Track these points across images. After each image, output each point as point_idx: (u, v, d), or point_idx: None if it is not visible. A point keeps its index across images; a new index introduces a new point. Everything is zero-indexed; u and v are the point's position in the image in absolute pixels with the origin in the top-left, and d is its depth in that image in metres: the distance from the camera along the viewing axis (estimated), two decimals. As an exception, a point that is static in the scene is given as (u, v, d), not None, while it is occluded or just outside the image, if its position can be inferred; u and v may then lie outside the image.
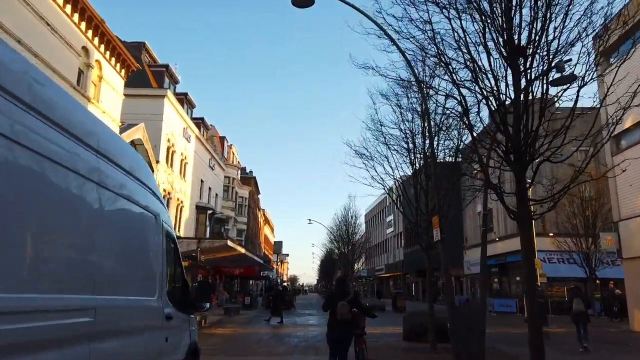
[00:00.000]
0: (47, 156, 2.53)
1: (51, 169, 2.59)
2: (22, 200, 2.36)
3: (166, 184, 26.05)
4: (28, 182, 2.41)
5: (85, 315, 2.92)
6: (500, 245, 35.31)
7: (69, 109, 3.04)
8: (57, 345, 2.58)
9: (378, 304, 33.60)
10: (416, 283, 53.67)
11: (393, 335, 14.56)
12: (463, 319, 8.97)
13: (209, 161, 36.09)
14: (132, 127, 21.64)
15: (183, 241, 23.88)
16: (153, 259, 4.32)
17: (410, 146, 12.68)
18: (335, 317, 6.78)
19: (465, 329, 8.83)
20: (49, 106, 2.67)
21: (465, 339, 8.89)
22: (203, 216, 33.06)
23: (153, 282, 4.27)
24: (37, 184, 2.49)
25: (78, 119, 3.11)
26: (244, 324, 20.44)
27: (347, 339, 6.96)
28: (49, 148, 2.56)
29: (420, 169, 12.60)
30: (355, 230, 44.37)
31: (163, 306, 4.38)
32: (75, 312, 2.83)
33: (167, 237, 4.75)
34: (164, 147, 25.68)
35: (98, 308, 3.04)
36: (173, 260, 5.17)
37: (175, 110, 27.42)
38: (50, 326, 2.54)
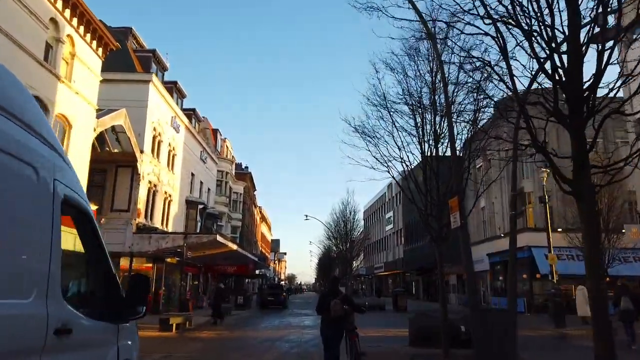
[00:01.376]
0: None
1: None
2: None
3: (152, 175, 24.35)
4: None
5: None
6: (504, 242, 33.64)
7: None
8: None
9: (378, 303, 31.97)
10: (416, 281, 52.08)
11: (397, 340, 12.93)
12: (489, 322, 7.29)
13: (201, 154, 34.38)
14: (112, 113, 19.94)
15: (168, 236, 22.24)
16: (28, 237, 2.65)
17: (418, 120, 11.00)
18: (329, 315, 7.30)
19: (492, 335, 7.18)
20: None
21: (489, 346, 7.24)
22: (193, 211, 31.35)
23: (29, 275, 2.61)
24: None
25: None
26: (234, 326, 18.79)
27: (340, 333, 7.60)
28: None
29: (431, 147, 10.91)
30: (353, 226, 42.68)
31: (51, 313, 2.71)
32: None
33: (67, 207, 3.08)
34: (149, 136, 23.97)
35: None
36: (88, 245, 3.53)
37: (161, 98, 25.71)
38: None
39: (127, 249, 21.87)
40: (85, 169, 17.56)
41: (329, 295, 7.67)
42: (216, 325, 18.18)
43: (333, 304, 7.32)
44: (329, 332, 7.45)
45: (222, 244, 24.39)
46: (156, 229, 23.80)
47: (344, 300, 7.64)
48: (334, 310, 7.28)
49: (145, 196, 23.78)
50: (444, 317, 9.87)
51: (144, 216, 23.53)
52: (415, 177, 11.29)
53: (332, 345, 7.41)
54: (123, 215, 22.39)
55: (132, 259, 22.54)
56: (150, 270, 24.84)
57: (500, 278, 35.40)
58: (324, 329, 7.54)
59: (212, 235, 22.73)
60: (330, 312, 7.29)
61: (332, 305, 7.30)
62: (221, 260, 32.89)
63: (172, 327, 15.38)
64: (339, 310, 7.32)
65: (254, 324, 20.08)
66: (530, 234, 31.43)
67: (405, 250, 52.52)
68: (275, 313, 27.92)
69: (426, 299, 47.77)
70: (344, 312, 7.45)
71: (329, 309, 7.31)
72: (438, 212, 10.51)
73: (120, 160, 22.67)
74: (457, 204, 7.29)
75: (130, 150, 22.03)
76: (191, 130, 31.94)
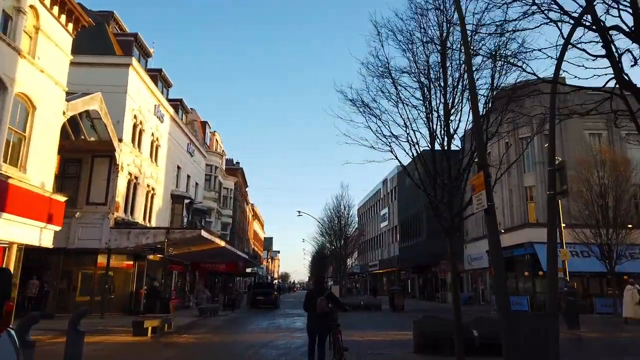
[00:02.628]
0: None
1: None
2: None
3: (132, 166, 22.67)
4: None
5: None
6: (506, 238, 32.26)
7: None
8: None
9: (374, 302, 30.49)
10: (412, 280, 50.72)
11: (399, 345, 11.44)
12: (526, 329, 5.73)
13: (188, 146, 32.70)
14: (86, 96, 18.26)
15: (149, 232, 20.63)
16: None
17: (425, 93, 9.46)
18: (315, 311, 7.81)
19: (530, 344, 5.65)
20: None
21: (526, 358, 5.73)
22: (179, 206, 29.69)
23: None
24: None
25: None
26: (218, 328, 17.22)
27: (325, 329, 8.06)
28: None
29: (441, 120, 9.38)
30: (348, 222, 41.13)
31: None
32: None
33: None
34: (128, 123, 22.29)
35: None
36: None
37: (143, 84, 24.02)
38: None
39: (103, 245, 20.22)
40: (53, 156, 15.89)
41: (315, 293, 8.18)
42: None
43: (319, 301, 7.86)
44: (315, 327, 8.04)
45: (208, 240, 22.78)
46: (136, 224, 22.14)
47: (329, 299, 8.11)
48: (320, 307, 7.84)
49: (125, 189, 22.10)
50: (457, 321, 8.38)
51: (123, 210, 21.86)
52: (423, 158, 9.71)
53: (318, 341, 7.96)
54: (100, 209, 20.71)
55: (109, 256, 20.88)
56: (131, 268, 23.22)
57: (500, 276, 34.06)
58: (310, 324, 8.17)
59: (197, 230, 21.12)
60: (317, 309, 7.85)
61: (318, 302, 7.85)
62: (209, 257, 31.28)
63: (147, 331, 13.79)
64: (324, 307, 7.89)
65: (241, 326, 18.52)
66: (532, 229, 30.10)
67: (401, 247, 51.13)
68: (265, 313, 26.36)
69: (423, 298, 46.44)
70: (329, 309, 8.01)
71: (315, 306, 7.87)
72: (449, 198, 9.00)
73: (96, 149, 21.00)
74: (482, 182, 5.81)
75: (107, 139, 20.35)
76: (177, 121, 30.27)
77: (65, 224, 20.22)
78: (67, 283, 21.08)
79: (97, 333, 14.52)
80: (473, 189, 6.14)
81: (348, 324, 18.75)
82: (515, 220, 32.00)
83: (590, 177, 25.20)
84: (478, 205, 6.07)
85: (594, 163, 25.52)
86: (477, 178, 6.00)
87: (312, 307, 7.99)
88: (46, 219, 15.04)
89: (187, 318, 20.98)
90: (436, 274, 42.94)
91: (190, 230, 21.00)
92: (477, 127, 6.52)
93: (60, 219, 16.02)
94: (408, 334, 14.07)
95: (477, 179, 6.02)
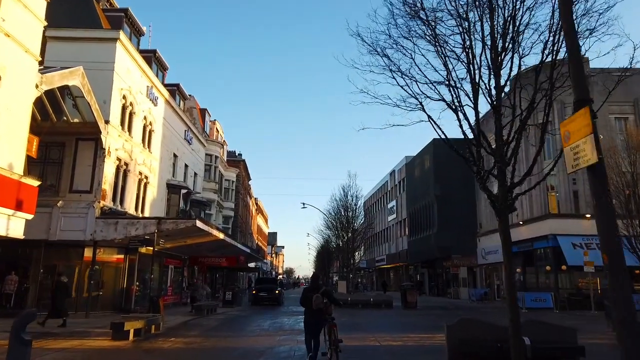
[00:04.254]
0: None
1: None
2: None
3: (122, 151, 20.74)
4: None
5: None
6: (525, 230, 30.30)
7: None
8: None
9: (384, 299, 28.50)
10: (421, 275, 48.69)
11: (428, 353, 9.48)
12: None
13: (185, 133, 30.74)
14: (64, 70, 16.31)
15: (139, 222, 18.71)
16: None
17: (466, 38, 7.37)
18: (311, 307, 8.33)
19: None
20: None
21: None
22: (176, 197, 27.78)
23: None
24: None
25: None
26: (212, 330, 15.29)
27: (321, 323, 8.53)
28: None
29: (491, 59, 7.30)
30: (355, 214, 39.02)
31: None
32: None
33: None
34: (117, 104, 20.33)
35: None
36: None
37: (134, 62, 22.03)
38: None
39: (88, 237, 18.32)
40: (23, 134, 13.95)
41: (311, 290, 8.57)
42: (65, 327, 14.02)
43: (315, 297, 8.25)
44: (311, 321, 8.41)
45: (205, 231, 20.85)
46: (125, 214, 20.22)
47: (324, 295, 8.50)
48: (315, 303, 8.23)
49: (113, 176, 20.18)
50: (515, 329, 6.36)
51: (111, 199, 19.95)
52: (464, 114, 7.67)
53: (312, 333, 8.37)
54: (84, 197, 18.81)
55: (95, 248, 19.00)
56: (121, 262, 21.36)
57: (518, 270, 31.99)
58: (307, 318, 8.54)
59: (191, 220, 19.16)
60: (312, 304, 8.23)
61: (314, 298, 8.24)
62: (208, 251, 29.43)
63: (128, 334, 11.87)
64: (320, 303, 8.29)
65: (239, 326, 16.59)
66: (554, 220, 28.02)
67: (409, 241, 49.08)
68: (267, 311, 24.44)
69: (433, 294, 44.42)
70: (324, 304, 8.37)
71: (311, 302, 8.25)
72: (502, 167, 6.99)
73: (81, 132, 19.07)
74: (586, 123, 3.73)
75: (92, 120, 18.43)
76: (173, 106, 28.29)
77: (45, 214, 18.44)
78: (50, 279, 19.24)
79: (72, 336, 12.65)
80: (567, 136, 4.12)
81: (358, 324, 16.83)
82: (535, 211, 29.87)
83: (621, 163, 23.06)
84: (578, 161, 4.00)
85: (623, 148, 23.39)
86: (576, 120, 3.95)
87: (308, 303, 8.42)
88: (14, 206, 13.12)
89: (181, 317, 19.10)
90: (447, 269, 40.87)
91: (184, 221, 19.04)
92: (574, 48, 4.37)
93: (32, 206, 14.10)
94: (433, 337, 12.12)
95: (575, 122, 3.96)
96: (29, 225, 18.08)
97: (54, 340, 11.80)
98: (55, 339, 12.02)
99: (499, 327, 8.27)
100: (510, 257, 7.04)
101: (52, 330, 13.60)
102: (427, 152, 43.33)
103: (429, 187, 42.30)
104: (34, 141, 16.73)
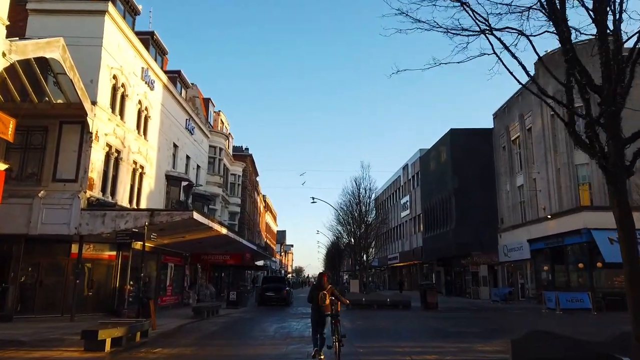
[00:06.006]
0: None
1: None
2: None
3: (112, 137, 18.78)
4: None
5: None
6: (554, 225, 27.90)
7: None
8: None
9: (401, 299, 26.28)
10: (437, 273, 46.33)
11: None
12: None
13: (186, 122, 28.77)
14: (41, 39, 14.34)
15: (129, 214, 16.75)
16: None
17: None
18: (318, 304, 8.77)
19: None
20: None
21: None
22: (176, 189, 25.82)
23: None
24: None
25: None
26: (209, 337, 13.22)
27: (327, 319, 8.84)
28: None
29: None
30: (369, 209, 36.75)
31: None
32: None
33: None
34: (106, 84, 18.37)
35: None
36: None
37: (126, 40, 20.07)
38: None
39: (73, 231, 16.36)
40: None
41: (317, 288, 9.04)
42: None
43: (321, 294, 8.78)
44: (318, 318, 8.89)
45: (204, 225, 18.83)
46: (114, 205, 18.25)
47: (330, 293, 8.96)
48: (322, 300, 8.74)
49: (103, 163, 18.23)
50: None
51: (100, 189, 18.00)
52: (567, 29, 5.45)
53: (318, 329, 8.85)
54: (69, 187, 16.86)
55: (81, 244, 17.04)
56: (113, 259, 19.43)
57: (545, 268, 29.60)
58: (313, 315, 9.02)
59: (187, 212, 17.10)
60: (319, 301, 8.76)
61: (321, 295, 8.77)
62: (210, 248, 27.43)
63: (104, 344, 9.84)
64: (325, 300, 8.77)
65: (241, 332, 14.52)
66: (588, 213, 25.57)
67: (424, 238, 46.75)
68: (274, 313, 22.38)
69: (450, 294, 42.05)
70: (330, 301, 8.84)
71: (318, 299, 8.78)
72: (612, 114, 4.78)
73: (65, 114, 17.14)
74: None
75: (77, 101, 16.47)
76: (173, 92, 26.33)
77: (25, 205, 16.52)
78: (33, 278, 17.35)
79: (42, 345, 10.67)
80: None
81: (378, 329, 14.62)
82: (565, 204, 27.45)
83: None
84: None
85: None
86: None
87: (314, 300, 8.83)
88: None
89: (177, 320, 17.08)
90: (466, 267, 38.48)
91: (180, 213, 16.99)
92: None
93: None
94: (473, 348, 9.96)
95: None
96: (6, 219, 16.23)
97: (15, 351, 9.83)
98: (17, 349, 10.05)
99: (581, 342, 6.05)
100: (634, 247, 4.78)
101: (20, 338, 11.65)
102: (444, 142, 40.96)
103: (446, 180, 39.95)
104: (10, 123, 14.83)
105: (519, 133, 33.24)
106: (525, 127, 32.52)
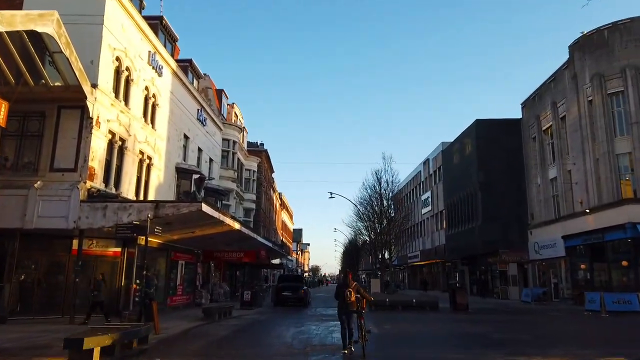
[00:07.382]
0: None
1: None
2: None
3: (115, 124, 17.38)
4: None
5: None
6: (593, 220, 25.70)
7: None
8: None
9: (427, 300, 24.41)
10: (461, 272, 44.18)
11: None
12: None
13: (198, 113, 27.34)
14: (34, 12, 12.93)
15: (132, 206, 15.31)
16: None
17: None
18: (345, 300, 9.40)
19: None
20: None
21: None
22: (187, 182, 24.41)
23: None
24: None
25: None
26: (216, 344, 11.61)
27: (353, 315, 9.42)
28: None
29: None
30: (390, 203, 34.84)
31: None
32: None
33: None
34: (107, 66, 16.95)
35: None
36: None
37: (131, 21, 18.66)
38: None
39: (71, 225, 14.97)
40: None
41: (343, 286, 9.64)
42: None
43: (347, 292, 9.36)
44: (344, 314, 9.44)
45: (214, 219, 17.29)
46: (117, 197, 16.82)
47: (356, 290, 9.51)
48: (348, 297, 9.32)
49: (105, 152, 16.83)
50: None
51: (102, 180, 16.60)
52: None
53: (346, 324, 9.39)
54: (68, 177, 15.49)
55: (81, 239, 15.64)
56: (118, 256, 18.08)
57: (583, 266, 27.40)
58: (339, 311, 9.63)
59: (195, 204, 15.54)
60: (345, 298, 9.33)
61: (346, 293, 9.35)
62: (223, 244, 25.96)
63: (91, 354, 8.30)
64: (350, 297, 9.32)
65: (254, 337, 12.90)
66: (634, 206, 23.34)
67: (447, 235, 44.64)
68: (290, 314, 20.76)
69: (476, 293, 39.87)
70: (356, 298, 9.40)
71: (344, 296, 9.38)
72: None
73: (63, 97, 15.78)
74: None
75: (75, 83, 15.08)
76: (183, 80, 24.92)
77: (21, 197, 15.15)
78: (32, 276, 16.05)
79: (23, 353, 9.21)
80: None
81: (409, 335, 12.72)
82: (605, 197, 25.23)
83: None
84: None
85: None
86: None
87: (340, 297, 9.51)
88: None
89: (185, 323, 15.57)
90: (493, 265, 36.32)
91: (187, 204, 15.44)
92: None
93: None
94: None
95: None
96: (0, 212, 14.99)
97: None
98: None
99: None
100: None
101: (4, 344, 10.24)
102: (469, 134, 38.80)
103: (470, 174, 37.80)
104: (2, 107, 13.53)
105: (552, 122, 30.99)
106: (558, 115, 30.27)
